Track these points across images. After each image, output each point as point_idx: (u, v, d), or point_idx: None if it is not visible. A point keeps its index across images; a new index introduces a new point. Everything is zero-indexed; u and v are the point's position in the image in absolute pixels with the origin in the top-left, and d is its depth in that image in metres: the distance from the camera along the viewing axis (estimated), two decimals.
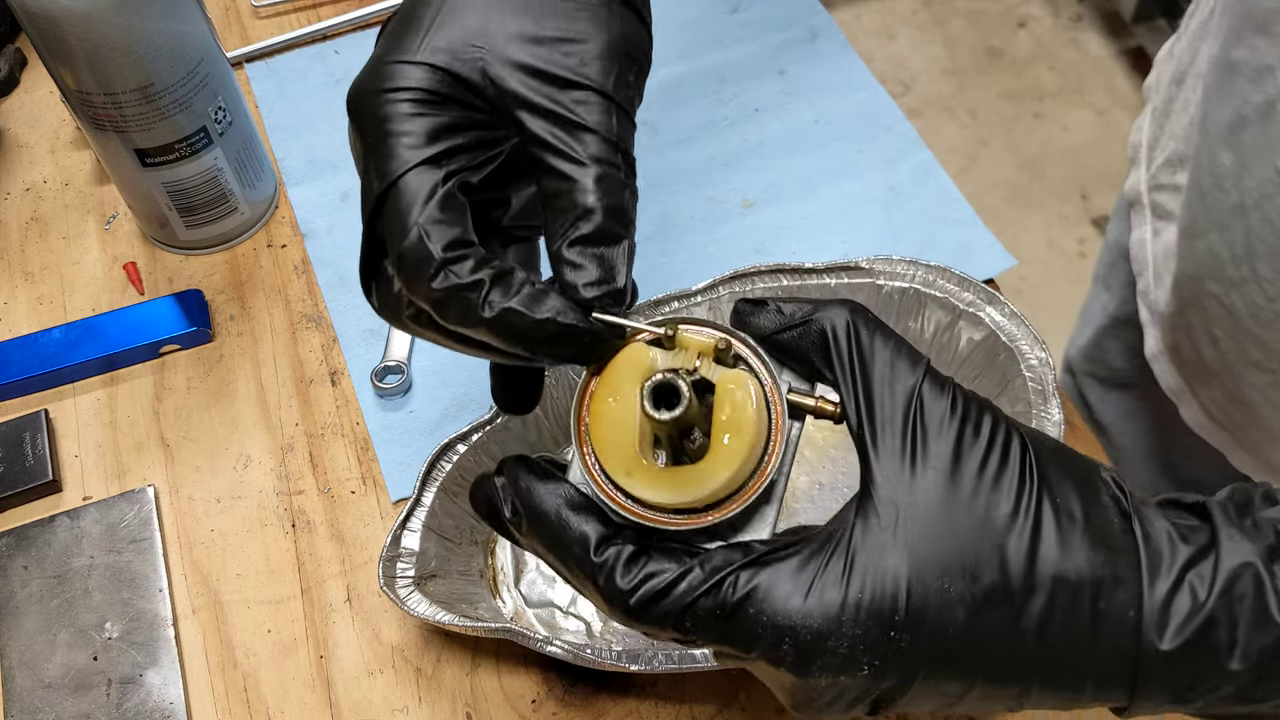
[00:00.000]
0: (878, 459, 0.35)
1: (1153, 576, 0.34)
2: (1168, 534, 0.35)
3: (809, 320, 0.38)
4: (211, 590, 0.58)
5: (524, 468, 0.39)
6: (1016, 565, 0.34)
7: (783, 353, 0.38)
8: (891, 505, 0.35)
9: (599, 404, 0.37)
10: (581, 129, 0.41)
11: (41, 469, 0.61)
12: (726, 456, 0.36)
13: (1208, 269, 0.60)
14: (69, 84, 0.61)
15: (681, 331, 0.37)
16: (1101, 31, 2.19)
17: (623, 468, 0.36)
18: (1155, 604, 0.34)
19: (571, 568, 0.37)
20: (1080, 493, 0.36)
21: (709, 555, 0.36)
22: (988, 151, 2.02)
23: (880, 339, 0.37)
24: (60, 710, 0.54)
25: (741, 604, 0.35)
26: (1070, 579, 0.34)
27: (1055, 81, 2.12)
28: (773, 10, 0.82)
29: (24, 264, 0.72)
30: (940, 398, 0.36)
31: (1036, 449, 0.36)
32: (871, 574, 0.34)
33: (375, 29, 0.82)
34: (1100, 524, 0.35)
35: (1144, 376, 0.76)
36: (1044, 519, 0.35)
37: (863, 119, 0.76)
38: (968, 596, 0.34)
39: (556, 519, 0.37)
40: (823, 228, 0.71)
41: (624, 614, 0.36)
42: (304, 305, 0.69)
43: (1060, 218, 1.93)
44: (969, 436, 0.35)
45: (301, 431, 0.63)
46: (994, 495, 0.35)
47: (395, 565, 0.54)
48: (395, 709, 0.54)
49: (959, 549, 0.34)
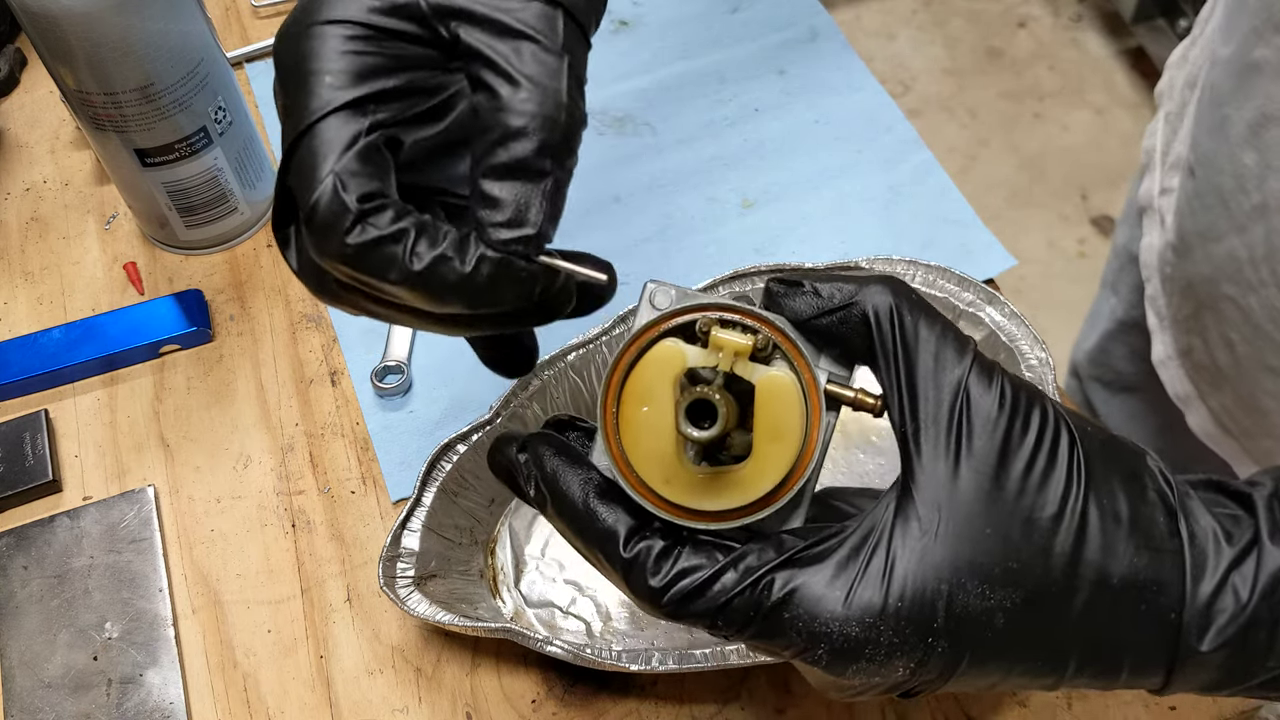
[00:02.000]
0: (920, 458, 0.34)
1: (1196, 579, 0.34)
2: (1213, 532, 0.34)
3: (850, 304, 0.36)
4: (211, 590, 0.58)
5: (549, 447, 0.37)
6: (1059, 570, 0.33)
7: (820, 337, 0.36)
8: (933, 507, 0.34)
9: (630, 408, 0.35)
10: (519, 37, 0.36)
11: (41, 469, 0.61)
12: (771, 464, 0.35)
13: (1225, 272, 0.60)
14: (69, 84, 0.61)
15: (716, 333, 0.35)
16: (1101, 31, 2.19)
17: (660, 475, 0.35)
18: (1198, 607, 0.34)
19: (600, 559, 0.36)
20: (1126, 490, 0.35)
21: (742, 552, 0.35)
22: (988, 151, 2.02)
23: (925, 324, 0.35)
24: (60, 710, 0.54)
25: (778, 607, 0.34)
26: (1113, 583, 0.34)
27: (1055, 81, 2.12)
28: (773, 10, 0.82)
29: (24, 264, 0.72)
30: (988, 391, 0.34)
31: (1084, 443, 0.35)
32: (911, 579, 0.33)
33: None
34: (1146, 524, 0.34)
35: (1150, 381, 0.76)
36: (1089, 522, 0.34)
37: (863, 119, 0.76)
38: (1008, 603, 0.33)
39: (584, 508, 0.36)
40: (823, 228, 0.71)
41: (655, 609, 0.35)
42: (304, 305, 0.69)
43: (1060, 218, 1.93)
44: (1016, 434, 0.34)
45: (301, 431, 0.63)
46: (1039, 497, 0.34)
47: (395, 565, 0.54)
48: (395, 709, 0.54)
49: (1001, 554, 0.33)
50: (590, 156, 0.75)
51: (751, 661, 0.50)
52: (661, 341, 0.36)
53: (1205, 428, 0.70)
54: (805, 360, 0.36)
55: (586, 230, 0.71)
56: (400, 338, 0.66)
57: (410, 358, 0.66)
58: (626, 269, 0.69)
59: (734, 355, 0.35)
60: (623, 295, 0.67)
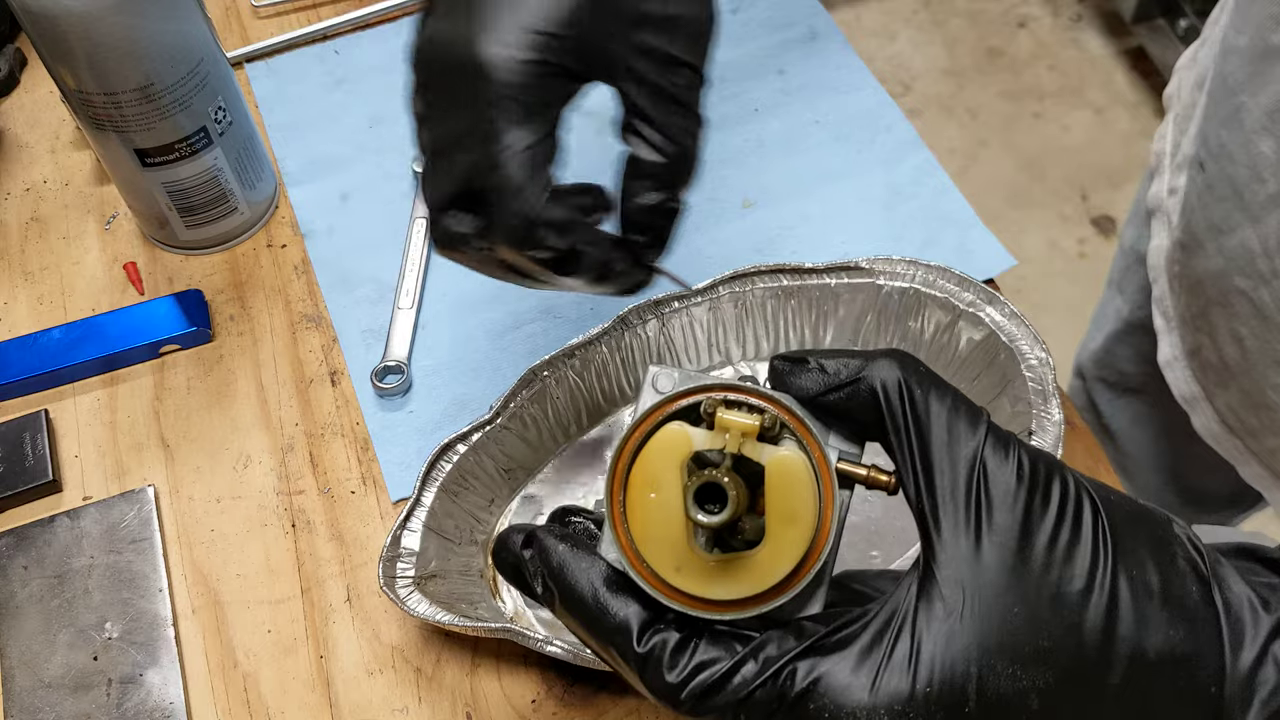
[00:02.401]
0: (939, 535, 0.33)
1: (1235, 650, 0.33)
2: (1249, 601, 0.33)
3: (857, 379, 0.35)
4: (211, 590, 0.58)
5: (554, 540, 0.36)
6: (1092, 646, 0.32)
7: (828, 414, 0.35)
8: (957, 586, 0.32)
9: (638, 494, 0.34)
10: (679, 106, 0.45)
11: (41, 469, 0.61)
12: (786, 547, 0.34)
13: (1237, 265, 0.59)
14: (69, 84, 0.61)
15: (722, 414, 0.34)
16: (1101, 31, 2.19)
17: (671, 564, 0.34)
18: (1239, 679, 0.32)
19: (613, 655, 0.35)
20: (1156, 559, 0.33)
21: (761, 642, 0.33)
22: (988, 151, 2.02)
23: (936, 398, 0.34)
24: (60, 710, 0.54)
25: (802, 698, 0.32)
26: (1149, 657, 0.32)
27: (1055, 81, 2.12)
28: (773, 10, 0.82)
29: (24, 264, 0.72)
30: (1005, 463, 0.33)
31: (1109, 512, 0.33)
32: (939, 663, 0.32)
33: (375, 29, 0.83)
34: (1178, 595, 0.33)
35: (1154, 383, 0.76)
36: (1120, 594, 0.32)
37: (863, 119, 0.76)
38: (1041, 683, 0.32)
39: (594, 602, 0.35)
40: (823, 228, 0.71)
41: (672, 707, 0.34)
42: (304, 305, 0.69)
43: (1060, 218, 1.93)
44: (1038, 507, 0.33)
45: (301, 431, 0.63)
46: (1066, 570, 0.32)
47: (395, 565, 0.54)
48: (395, 709, 0.54)
49: (1031, 632, 0.32)
50: (590, 156, 0.75)
51: None
52: (666, 425, 0.35)
53: (1210, 428, 0.70)
54: (815, 438, 0.34)
55: None
56: (400, 338, 0.66)
57: (410, 358, 0.66)
58: None
59: (741, 436, 0.34)
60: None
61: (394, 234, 0.71)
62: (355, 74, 0.80)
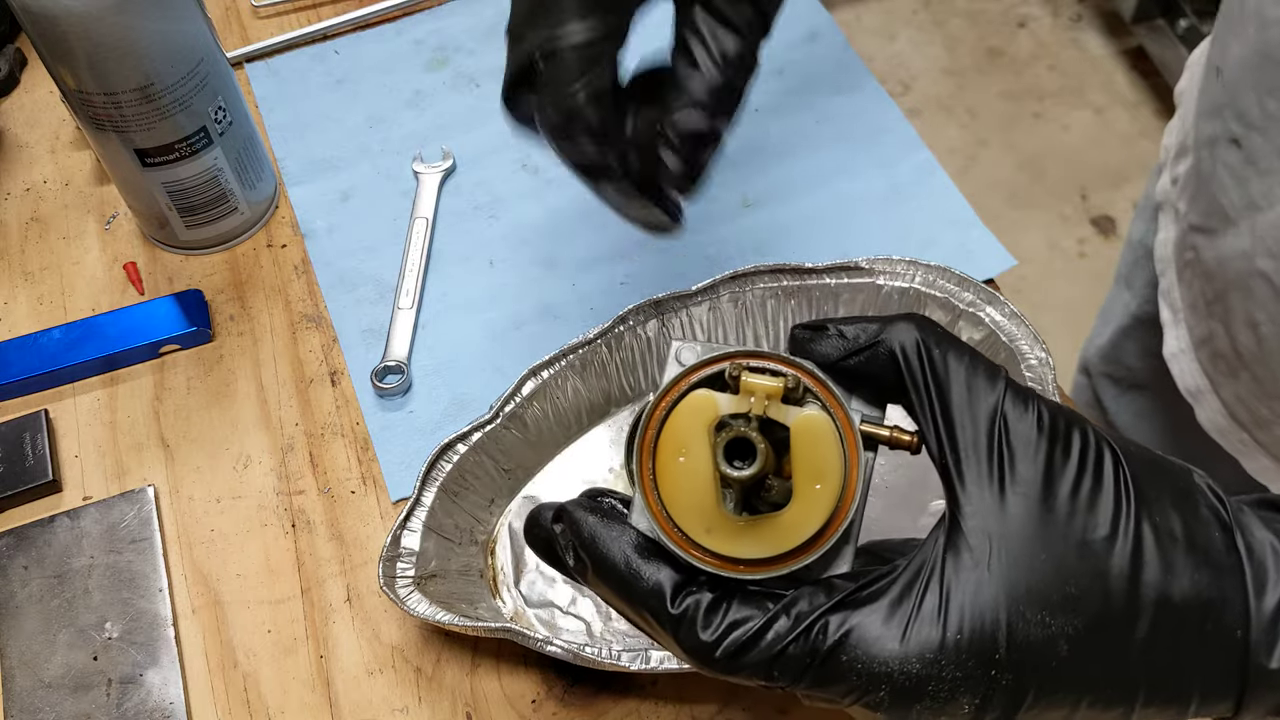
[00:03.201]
0: (964, 488, 0.34)
1: (1259, 594, 0.33)
2: (1271, 546, 0.34)
3: (876, 343, 0.35)
4: (211, 590, 0.58)
5: (585, 513, 0.37)
6: (1119, 592, 0.33)
7: (849, 378, 0.36)
8: (983, 536, 0.33)
9: (667, 459, 0.35)
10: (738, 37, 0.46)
11: (41, 469, 0.61)
12: (815, 506, 0.34)
13: (1265, 244, 0.59)
14: (69, 84, 0.61)
15: (746, 378, 0.35)
16: (1101, 31, 2.19)
17: (702, 526, 0.34)
18: (1263, 621, 0.33)
19: (647, 618, 0.35)
20: (1178, 507, 0.34)
21: (793, 599, 0.34)
22: (988, 151, 2.02)
23: (954, 356, 0.35)
24: (60, 710, 0.54)
25: (834, 651, 0.33)
26: (1175, 602, 0.33)
27: (1055, 81, 2.12)
28: None
29: (24, 264, 0.72)
30: (1025, 415, 0.34)
31: (1130, 462, 0.34)
32: (969, 612, 0.32)
33: (375, 29, 0.83)
34: (1202, 540, 0.33)
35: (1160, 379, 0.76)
36: (1144, 540, 0.33)
37: (863, 119, 0.76)
38: (1069, 629, 0.32)
39: (627, 569, 0.35)
40: (823, 228, 0.71)
41: (706, 665, 0.34)
42: (304, 305, 0.69)
43: (1060, 218, 1.93)
44: (1059, 456, 0.33)
45: (301, 431, 0.63)
46: (1090, 518, 0.33)
47: (395, 565, 0.54)
48: (395, 709, 0.54)
49: (1058, 579, 0.32)
50: None
51: None
52: (693, 392, 0.35)
53: (1215, 421, 0.69)
54: (838, 400, 0.35)
55: (587, 230, 0.71)
56: (400, 338, 0.66)
57: (410, 358, 0.66)
58: (627, 269, 0.69)
59: (766, 399, 0.35)
60: (622, 295, 0.68)
61: (394, 234, 0.71)
62: (355, 74, 0.80)
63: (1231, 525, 0.34)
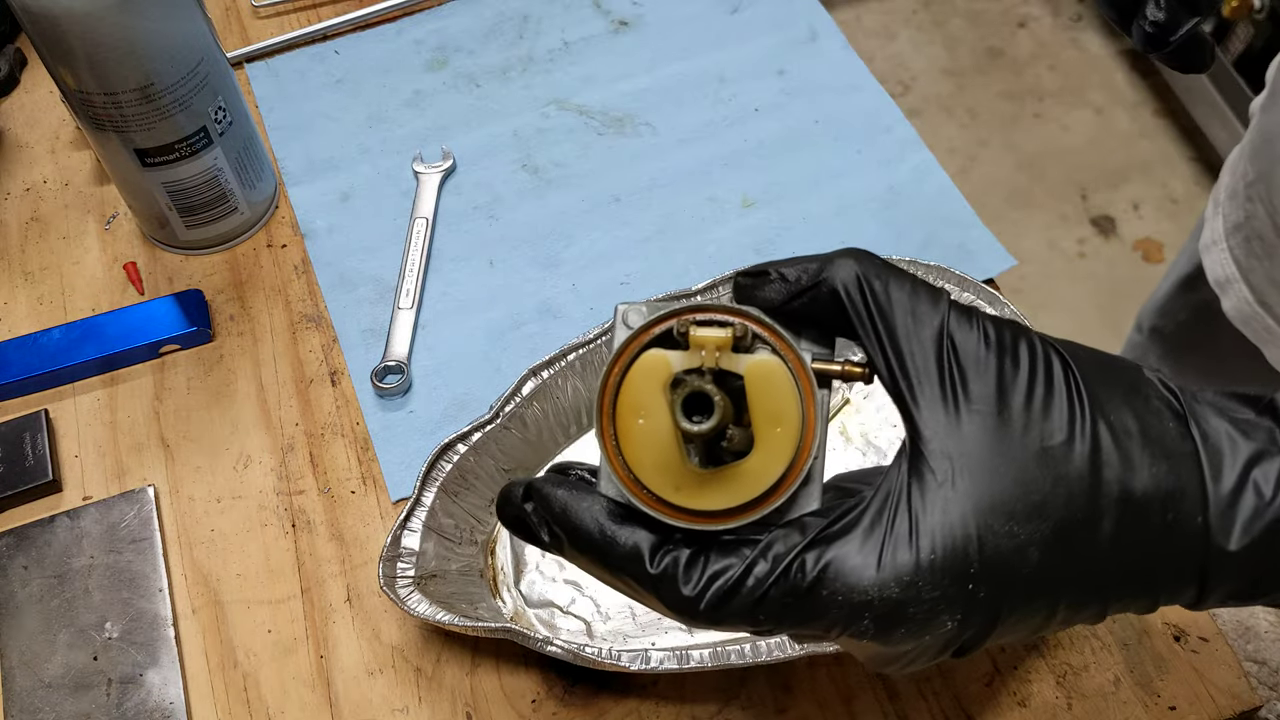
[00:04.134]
0: (919, 412, 0.34)
1: (1215, 478, 0.34)
2: (1226, 433, 0.34)
3: (818, 283, 0.36)
4: (211, 590, 0.58)
5: (554, 487, 0.37)
6: (1081, 494, 0.33)
7: (796, 320, 0.37)
8: (944, 458, 0.34)
9: (627, 423, 0.35)
10: None
11: (41, 469, 0.61)
12: (777, 450, 0.35)
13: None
14: (69, 84, 0.61)
15: (695, 332, 0.35)
16: (1101, 31, 2.19)
17: (670, 483, 0.35)
18: (1220, 505, 0.33)
19: (628, 581, 0.36)
20: (1130, 403, 0.34)
21: (768, 542, 0.34)
22: (988, 151, 2.02)
23: (895, 285, 0.36)
24: (60, 710, 0.54)
25: (814, 587, 0.33)
26: (1136, 496, 0.33)
27: (1055, 81, 2.12)
28: (773, 10, 0.82)
29: (24, 264, 0.72)
30: (971, 333, 0.35)
31: (1079, 366, 0.35)
32: (939, 532, 0.33)
33: (375, 29, 0.83)
34: (1157, 433, 0.34)
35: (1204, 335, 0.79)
36: (1101, 440, 0.34)
37: (863, 119, 0.76)
38: (1038, 536, 0.33)
39: (601, 537, 0.36)
40: (823, 228, 0.71)
41: (692, 619, 0.35)
42: (304, 305, 0.69)
43: (1060, 218, 1.93)
44: (1009, 369, 0.34)
45: (301, 431, 0.63)
46: (1046, 425, 0.34)
47: (395, 565, 0.54)
48: (395, 709, 0.54)
49: (1022, 489, 0.33)
50: (590, 156, 0.75)
51: (752, 661, 0.50)
52: (645, 353, 0.36)
53: (1241, 310, 0.72)
54: (787, 342, 0.36)
55: (586, 230, 0.71)
56: (400, 338, 0.66)
57: (410, 358, 0.66)
58: (627, 269, 0.69)
59: (717, 350, 0.35)
60: (622, 295, 0.68)
61: (394, 234, 0.71)
62: (355, 74, 0.80)
63: (1185, 415, 0.35)
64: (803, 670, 0.54)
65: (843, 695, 0.53)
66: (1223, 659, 0.53)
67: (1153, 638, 0.54)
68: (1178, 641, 0.54)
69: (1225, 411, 0.35)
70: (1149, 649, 0.53)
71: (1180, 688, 0.52)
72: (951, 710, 0.53)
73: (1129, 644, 0.54)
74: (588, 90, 0.78)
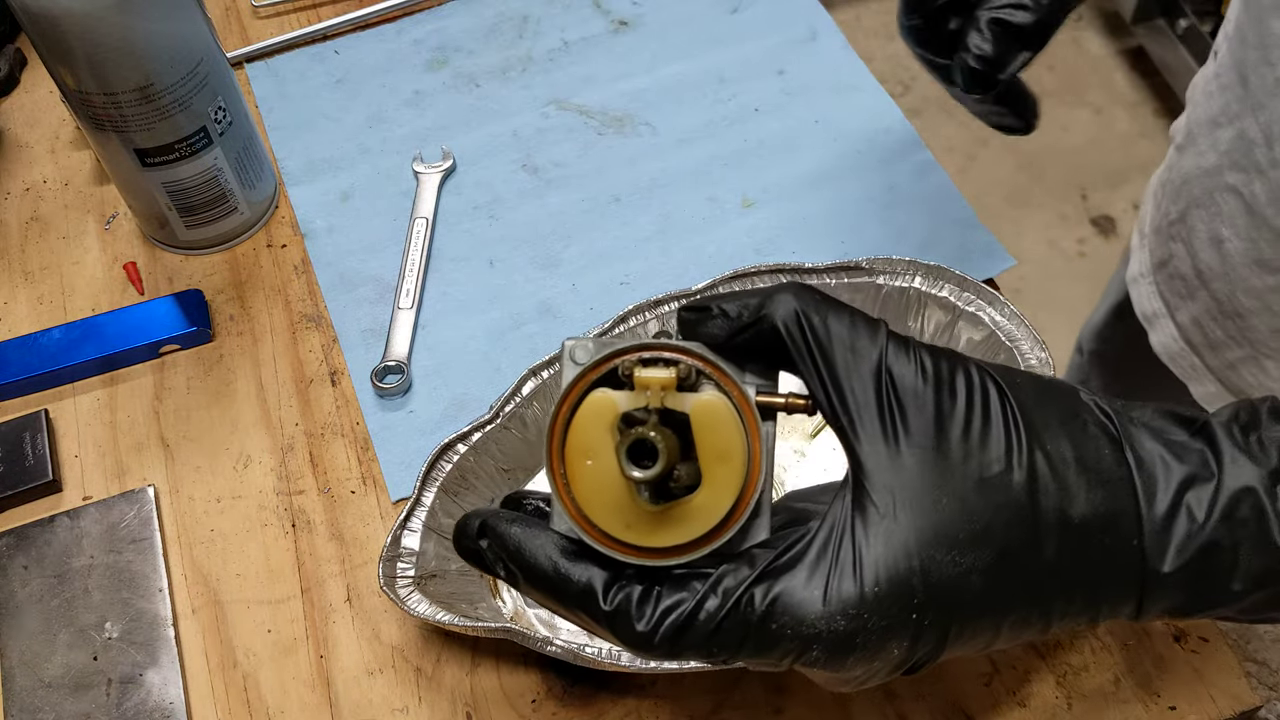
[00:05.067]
0: (861, 446, 0.35)
1: (1149, 502, 0.35)
2: (1160, 457, 0.35)
3: (759, 319, 0.37)
4: (211, 590, 0.58)
5: (508, 524, 0.37)
6: (1020, 521, 0.34)
7: (739, 355, 0.37)
8: (886, 491, 0.34)
9: (576, 464, 0.36)
10: None
11: (41, 469, 0.61)
12: (724, 486, 0.35)
13: (1231, 158, 0.59)
14: (69, 84, 0.61)
15: (639, 373, 0.36)
16: (1101, 31, 2.19)
17: (621, 522, 0.35)
18: (1154, 529, 0.34)
19: (583, 618, 0.36)
20: (1067, 429, 0.35)
21: (719, 576, 0.35)
22: (987, 151, 2.02)
23: (834, 319, 0.36)
24: (60, 710, 0.54)
25: (765, 620, 0.34)
26: (1075, 522, 0.34)
27: (1055, 81, 2.12)
28: (773, 10, 0.82)
29: (24, 264, 0.72)
30: (908, 365, 0.35)
31: (1015, 394, 0.36)
32: (883, 564, 0.34)
33: (375, 29, 0.83)
34: (1093, 459, 0.35)
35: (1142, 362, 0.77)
36: (1038, 469, 0.34)
37: (863, 119, 0.76)
38: (980, 563, 0.34)
39: (555, 574, 0.36)
40: (823, 228, 0.71)
41: (648, 653, 0.35)
42: (304, 305, 0.69)
43: (1060, 218, 1.93)
44: (946, 401, 0.35)
45: (301, 431, 0.63)
46: (984, 455, 0.34)
47: (395, 565, 0.54)
48: (395, 709, 0.54)
49: (963, 519, 0.34)
50: (590, 156, 0.75)
51: None
52: (591, 394, 0.36)
53: (1168, 346, 0.71)
54: (731, 379, 0.36)
55: (586, 230, 0.71)
56: (400, 338, 0.66)
57: (410, 358, 0.66)
58: (626, 269, 0.69)
59: (661, 390, 0.36)
60: (622, 295, 0.68)
61: (394, 234, 0.71)
62: (355, 74, 0.80)
63: (1120, 439, 0.35)
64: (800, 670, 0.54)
65: (839, 696, 0.53)
66: (1223, 659, 0.53)
67: (1153, 638, 0.54)
68: (1178, 641, 0.54)
69: (1160, 434, 0.36)
70: (1149, 649, 0.53)
71: (1180, 688, 0.52)
72: (950, 710, 0.53)
73: (1129, 644, 0.54)
74: (588, 90, 0.78)
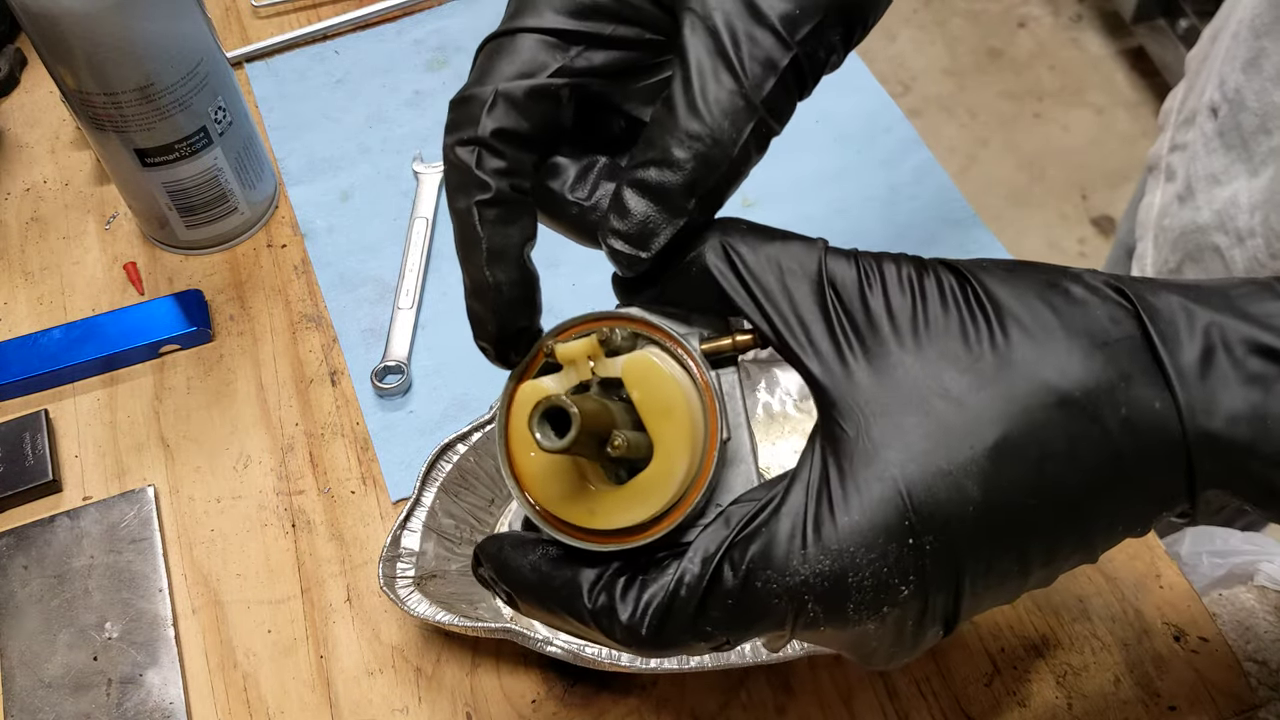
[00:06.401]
0: (814, 366, 0.32)
1: (1173, 351, 0.30)
2: (1180, 306, 0.30)
3: (686, 267, 0.34)
4: (211, 590, 0.58)
5: (496, 544, 0.36)
6: (1009, 410, 0.30)
7: (684, 309, 0.35)
8: (853, 411, 0.31)
9: (521, 461, 0.34)
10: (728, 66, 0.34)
11: (41, 469, 0.61)
12: (675, 443, 0.33)
13: (1221, 220, 0.59)
14: (69, 84, 0.61)
15: (558, 348, 0.34)
16: (1101, 31, 2.19)
17: (583, 509, 0.33)
18: (1189, 379, 0.29)
19: (571, 623, 0.34)
20: (1047, 299, 0.31)
21: (697, 545, 0.32)
22: (988, 151, 2.02)
23: (763, 244, 0.33)
24: (60, 710, 0.54)
25: (748, 582, 0.31)
26: (1075, 397, 0.30)
27: (1055, 81, 2.12)
28: None
29: (24, 264, 0.72)
30: (849, 271, 0.32)
31: (978, 276, 0.32)
32: (861, 491, 0.30)
33: (375, 29, 0.83)
34: (1083, 324, 0.31)
35: None
36: (1013, 351, 0.30)
37: (863, 119, 0.76)
38: (973, 468, 0.30)
39: (540, 583, 0.34)
40: (823, 228, 0.70)
41: (641, 647, 0.33)
42: (304, 305, 0.69)
43: (1060, 218, 1.93)
44: (896, 298, 0.32)
45: (301, 431, 0.63)
46: (946, 345, 0.31)
47: (395, 565, 0.54)
48: (395, 709, 0.54)
49: (939, 422, 0.30)
50: None
51: (752, 661, 0.50)
52: (520, 386, 0.35)
53: None
54: (664, 330, 0.34)
55: None
56: (400, 338, 0.66)
57: (410, 358, 0.66)
58: None
59: (588, 360, 0.34)
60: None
61: (394, 234, 0.71)
62: (355, 74, 0.80)
63: (1125, 292, 0.31)
64: (803, 670, 0.54)
65: (843, 695, 0.53)
66: (1223, 659, 0.53)
67: (1153, 638, 0.54)
68: (1178, 641, 0.54)
69: (1177, 288, 0.31)
70: (1149, 649, 0.53)
71: (1180, 688, 0.52)
72: (951, 710, 0.53)
73: (1129, 644, 0.54)
74: None
